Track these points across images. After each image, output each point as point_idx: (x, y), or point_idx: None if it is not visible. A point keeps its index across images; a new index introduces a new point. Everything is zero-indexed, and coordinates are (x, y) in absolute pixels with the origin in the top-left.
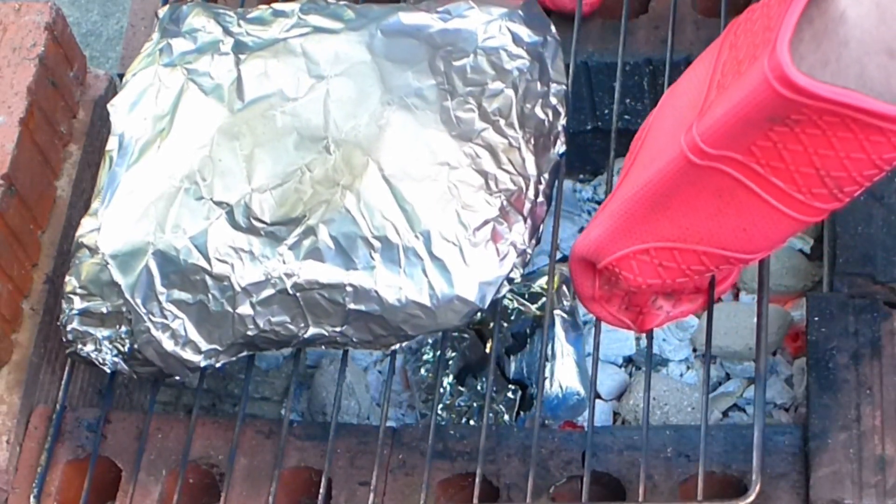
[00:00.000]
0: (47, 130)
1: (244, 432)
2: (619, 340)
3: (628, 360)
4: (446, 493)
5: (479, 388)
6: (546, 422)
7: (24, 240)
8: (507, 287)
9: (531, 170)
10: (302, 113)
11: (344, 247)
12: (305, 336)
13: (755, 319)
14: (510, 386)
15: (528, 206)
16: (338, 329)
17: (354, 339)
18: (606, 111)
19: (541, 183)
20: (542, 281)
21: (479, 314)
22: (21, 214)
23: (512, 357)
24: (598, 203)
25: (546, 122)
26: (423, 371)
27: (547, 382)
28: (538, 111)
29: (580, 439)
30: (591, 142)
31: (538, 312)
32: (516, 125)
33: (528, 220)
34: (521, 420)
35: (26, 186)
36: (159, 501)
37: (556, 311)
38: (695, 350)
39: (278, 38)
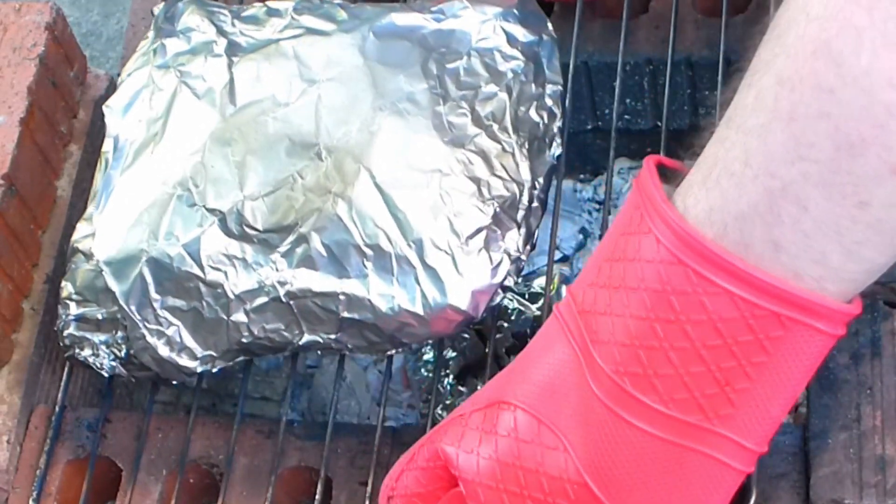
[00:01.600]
0: (48, 130)
1: (244, 432)
2: None
3: None
4: None
5: (479, 388)
6: None
7: (24, 240)
8: (500, 295)
9: (525, 175)
10: (293, 119)
11: (336, 255)
12: (300, 343)
13: None
14: None
15: (521, 212)
16: (332, 336)
17: (350, 346)
18: (607, 111)
19: (535, 188)
20: (542, 281)
21: (472, 323)
22: (21, 214)
23: (512, 357)
24: (599, 203)
25: (541, 125)
26: (423, 371)
27: None
28: (532, 114)
29: None
30: (591, 142)
31: (538, 312)
32: (510, 129)
33: (522, 227)
34: None
35: (27, 186)
36: (159, 501)
37: None
38: None
39: (271, 39)
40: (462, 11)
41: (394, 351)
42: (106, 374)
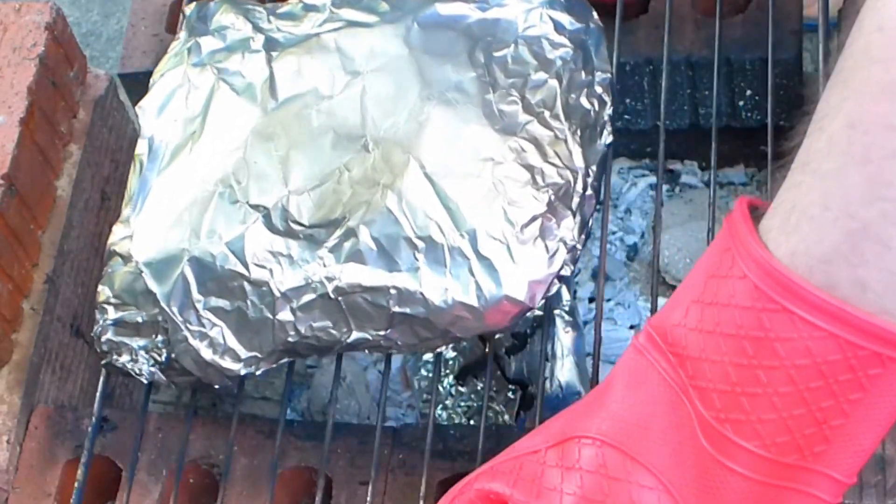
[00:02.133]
0: (47, 130)
1: (244, 432)
2: (620, 340)
3: None
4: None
5: (479, 388)
6: None
7: (24, 239)
8: (557, 285)
9: (578, 162)
10: (338, 111)
11: (386, 248)
12: (348, 341)
13: None
14: (510, 386)
15: (576, 200)
16: (382, 333)
17: (399, 343)
18: None
19: (588, 176)
20: None
21: (528, 314)
22: (21, 214)
23: (512, 357)
24: (599, 203)
25: (592, 113)
26: (423, 371)
27: (547, 382)
28: (583, 101)
29: None
30: None
31: (538, 312)
32: (561, 117)
33: (578, 215)
34: (521, 420)
35: (27, 186)
36: (159, 501)
37: (556, 311)
38: None
39: (311, 33)
40: (507, 0)
41: (444, 347)
42: (145, 381)
